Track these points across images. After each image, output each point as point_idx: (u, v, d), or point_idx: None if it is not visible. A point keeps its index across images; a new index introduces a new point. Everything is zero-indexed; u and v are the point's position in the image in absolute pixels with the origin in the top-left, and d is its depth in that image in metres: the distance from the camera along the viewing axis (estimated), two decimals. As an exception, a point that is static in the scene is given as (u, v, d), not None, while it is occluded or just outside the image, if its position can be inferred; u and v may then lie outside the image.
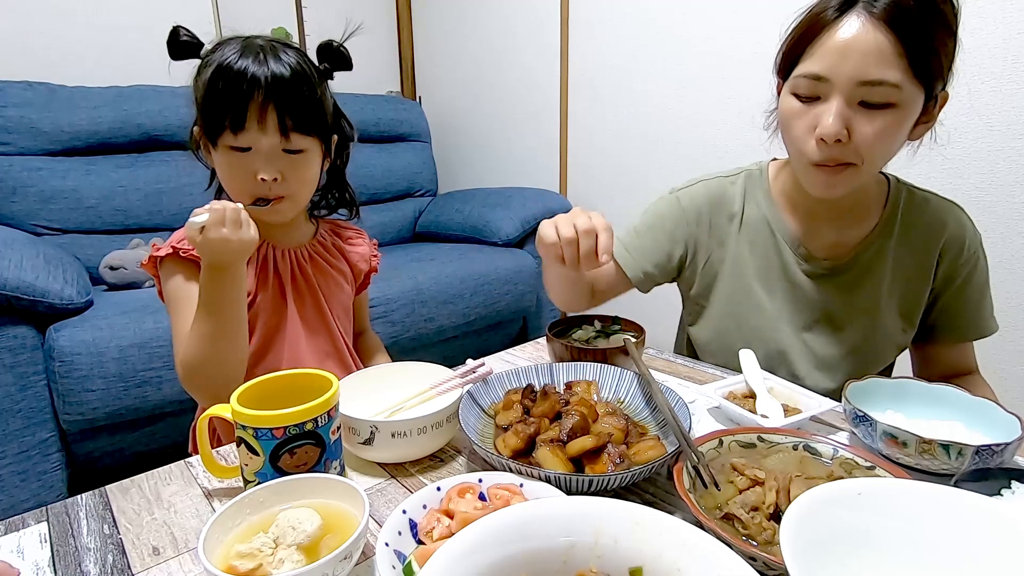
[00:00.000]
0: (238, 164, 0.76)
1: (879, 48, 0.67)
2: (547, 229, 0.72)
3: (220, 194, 0.86)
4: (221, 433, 0.87)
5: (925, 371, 0.93)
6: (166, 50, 0.77)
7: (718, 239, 0.92)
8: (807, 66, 0.72)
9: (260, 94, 0.73)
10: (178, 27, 0.77)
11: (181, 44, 0.77)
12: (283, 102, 0.74)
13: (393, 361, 1.02)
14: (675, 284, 1.01)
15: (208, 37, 0.80)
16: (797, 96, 0.74)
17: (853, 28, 0.68)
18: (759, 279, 0.90)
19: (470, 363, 0.73)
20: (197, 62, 0.78)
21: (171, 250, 0.78)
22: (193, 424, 0.88)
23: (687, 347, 1.03)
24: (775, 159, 0.93)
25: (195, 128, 0.80)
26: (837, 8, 0.70)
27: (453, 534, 0.44)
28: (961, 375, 0.91)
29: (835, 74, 0.69)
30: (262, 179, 0.75)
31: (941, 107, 0.75)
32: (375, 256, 1.00)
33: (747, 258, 0.91)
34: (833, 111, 0.69)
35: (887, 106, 0.69)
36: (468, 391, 0.66)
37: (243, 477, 0.53)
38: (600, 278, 0.95)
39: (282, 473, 0.51)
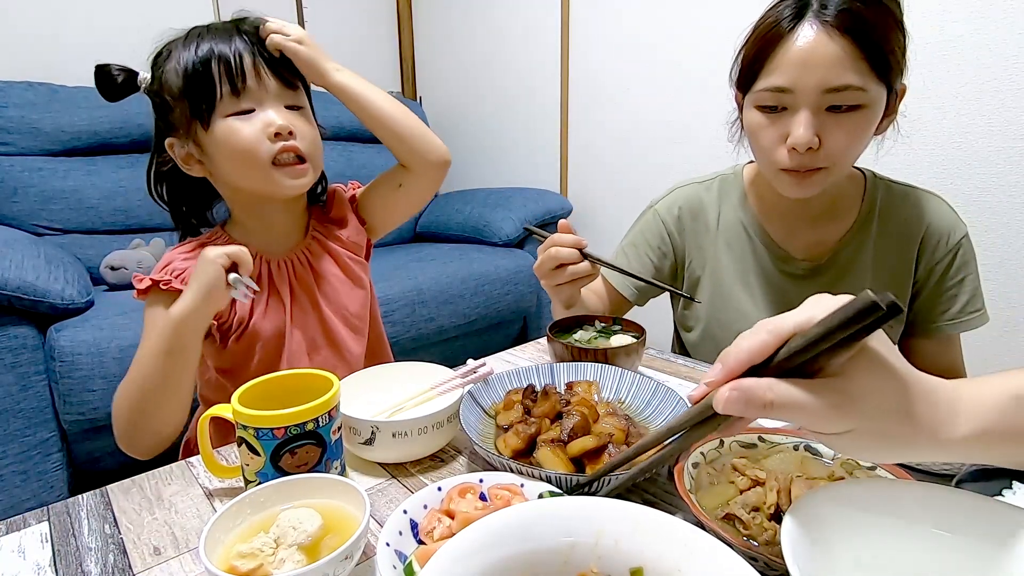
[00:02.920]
0: (245, 125, 0.71)
1: (839, 55, 0.68)
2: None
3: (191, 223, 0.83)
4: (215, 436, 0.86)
5: None
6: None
7: (696, 245, 0.94)
8: (769, 80, 0.72)
9: (248, 53, 0.72)
10: (105, 66, 0.73)
11: (118, 84, 0.74)
12: (271, 56, 0.73)
13: (393, 352, 1.01)
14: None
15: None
16: (762, 109, 0.75)
17: (809, 37, 0.69)
18: (739, 282, 0.91)
19: (471, 363, 0.73)
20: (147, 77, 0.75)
21: (151, 283, 0.73)
22: (185, 433, 0.84)
23: (680, 351, 1.03)
24: (751, 161, 0.93)
25: (170, 140, 0.75)
26: (790, 19, 0.70)
27: (454, 534, 0.44)
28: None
29: (799, 85, 0.70)
30: (276, 132, 0.71)
31: (900, 99, 0.76)
32: (352, 193, 0.92)
33: (725, 262, 0.91)
34: (802, 121, 0.70)
35: (854, 108, 0.70)
36: (469, 391, 0.66)
37: (244, 477, 0.53)
38: (602, 302, 0.97)
39: (283, 473, 0.51)
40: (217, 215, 0.86)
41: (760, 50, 0.74)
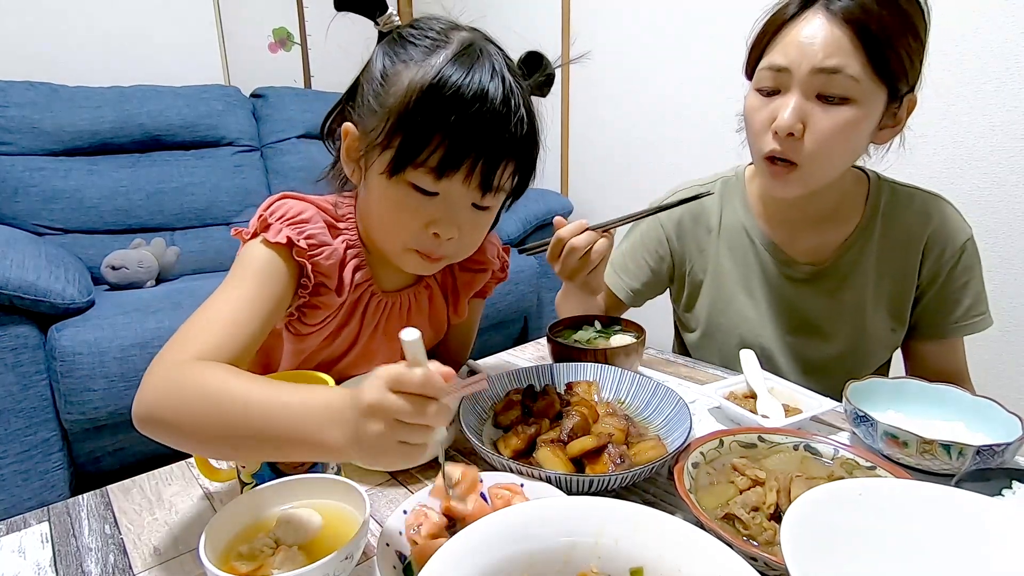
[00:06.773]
0: (415, 208, 0.59)
1: (836, 39, 0.69)
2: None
3: (343, 185, 0.69)
4: None
5: (913, 371, 0.92)
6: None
7: (698, 248, 0.93)
8: (768, 59, 0.74)
9: (496, 149, 0.57)
10: None
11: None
12: (512, 162, 0.61)
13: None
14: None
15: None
16: (760, 92, 0.76)
17: (811, 22, 0.71)
18: (741, 286, 0.90)
19: (470, 363, 0.73)
20: (370, 36, 0.62)
21: (285, 241, 0.60)
22: None
23: (680, 351, 1.03)
24: (752, 163, 0.93)
25: (348, 125, 0.62)
26: (797, 5, 0.72)
27: (444, 530, 0.44)
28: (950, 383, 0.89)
29: (794, 63, 0.71)
30: (436, 233, 0.61)
31: (909, 112, 0.75)
32: (501, 274, 0.83)
33: (727, 266, 0.91)
34: (790, 104, 0.71)
35: (845, 101, 0.70)
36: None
37: (240, 480, 0.53)
38: (597, 306, 0.98)
39: (279, 474, 0.51)
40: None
41: (764, 33, 0.76)
